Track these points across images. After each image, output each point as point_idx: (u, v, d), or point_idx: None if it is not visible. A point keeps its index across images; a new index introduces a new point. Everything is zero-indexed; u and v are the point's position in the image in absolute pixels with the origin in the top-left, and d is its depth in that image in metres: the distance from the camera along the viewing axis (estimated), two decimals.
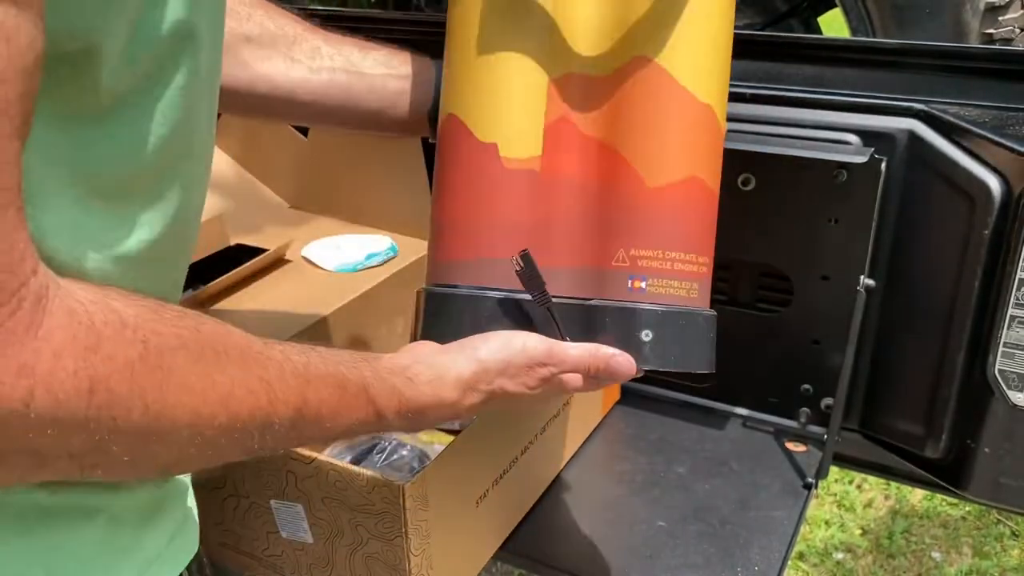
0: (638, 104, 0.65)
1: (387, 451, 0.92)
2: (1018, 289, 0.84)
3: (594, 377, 0.65)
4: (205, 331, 0.45)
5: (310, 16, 0.80)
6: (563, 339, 0.65)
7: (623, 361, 0.64)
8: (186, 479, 0.60)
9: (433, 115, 0.76)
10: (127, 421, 0.39)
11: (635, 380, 0.68)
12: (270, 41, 0.76)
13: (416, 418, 0.60)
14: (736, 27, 0.68)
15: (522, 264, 0.63)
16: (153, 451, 0.42)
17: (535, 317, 0.66)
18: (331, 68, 0.76)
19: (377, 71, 0.77)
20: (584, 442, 1.04)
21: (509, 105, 0.66)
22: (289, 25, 0.77)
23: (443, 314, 0.68)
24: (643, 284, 0.66)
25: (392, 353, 0.62)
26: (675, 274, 0.66)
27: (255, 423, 0.47)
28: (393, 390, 0.58)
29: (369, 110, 0.78)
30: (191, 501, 0.61)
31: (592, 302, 0.66)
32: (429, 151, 1.14)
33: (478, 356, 0.62)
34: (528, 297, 0.65)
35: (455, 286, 0.67)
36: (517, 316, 0.66)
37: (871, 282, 0.91)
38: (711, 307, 0.68)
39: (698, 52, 0.65)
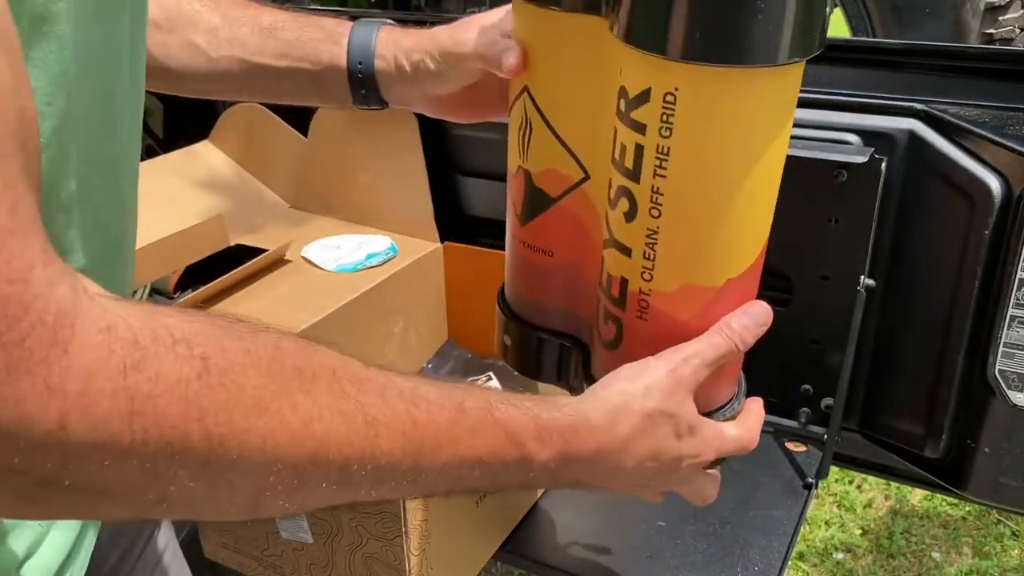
0: None
1: None
2: (1018, 289, 0.84)
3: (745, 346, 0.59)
4: (286, 348, 0.40)
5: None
6: None
7: (759, 310, 0.59)
8: (57, 557, 0.52)
9: (355, 93, 0.73)
10: (186, 446, 0.35)
11: None
12: (168, 24, 0.72)
13: (564, 448, 0.52)
14: None
15: None
16: (228, 481, 0.38)
17: None
18: (229, 57, 0.72)
19: (280, 63, 0.72)
20: None
21: None
22: (187, 2, 0.72)
23: None
24: None
25: None
26: None
27: (353, 451, 0.41)
28: (525, 412, 0.50)
29: (276, 95, 0.76)
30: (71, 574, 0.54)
31: None
32: (429, 151, 1.14)
33: (615, 384, 0.56)
34: None
35: None
36: None
37: (871, 282, 0.91)
38: None
39: None
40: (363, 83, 0.72)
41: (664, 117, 0.51)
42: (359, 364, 0.43)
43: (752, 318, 0.59)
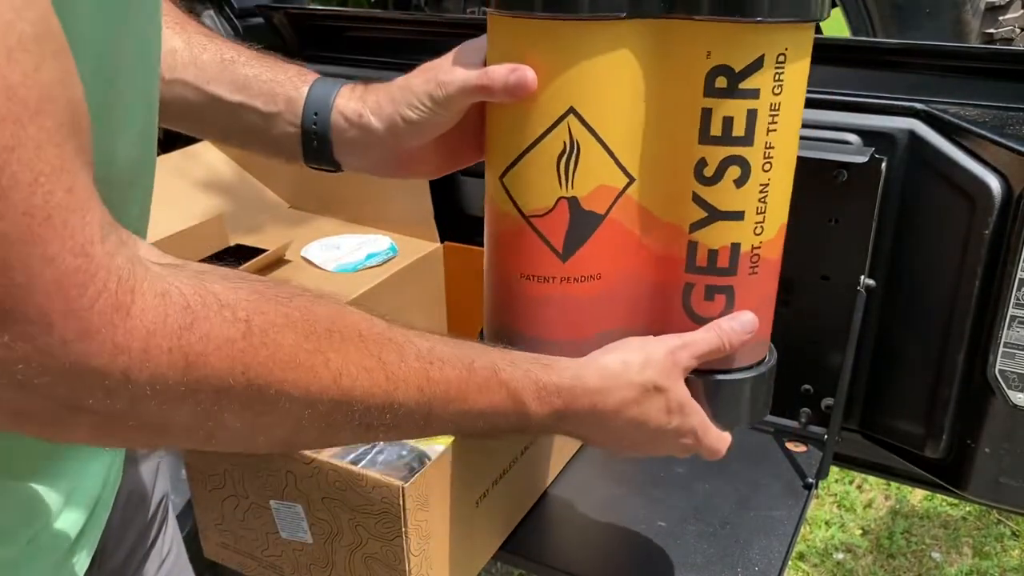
0: None
1: (387, 451, 0.92)
2: (1018, 289, 0.84)
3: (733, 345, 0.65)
4: (318, 311, 0.45)
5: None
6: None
7: (747, 318, 0.65)
8: (69, 533, 0.55)
9: (307, 151, 0.68)
10: (231, 395, 0.41)
11: None
12: None
13: (560, 406, 0.58)
14: None
15: None
16: (266, 424, 0.44)
17: None
18: (183, 82, 0.67)
19: (234, 97, 0.68)
20: None
21: None
22: None
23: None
24: None
25: None
26: None
27: (374, 400, 0.47)
28: (526, 373, 0.57)
29: (227, 134, 0.71)
30: (78, 559, 0.57)
31: None
32: None
33: (615, 353, 0.62)
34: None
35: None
36: None
37: (871, 282, 0.91)
38: None
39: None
40: (315, 136, 0.68)
41: (776, 77, 0.58)
42: (384, 324, 0.49)
43: (741, 324, 0.65)
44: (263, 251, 1.08)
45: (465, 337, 0.58)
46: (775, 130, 0.60)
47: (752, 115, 0.59)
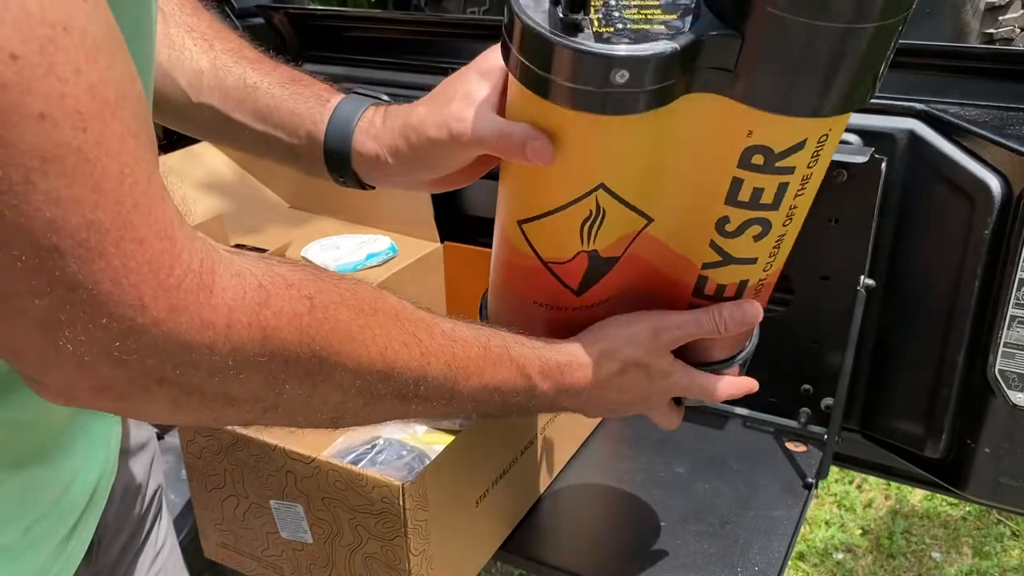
0: None
1: (387, 451, 0.93)
2: (1018, 289, 0.84)
3: (727, 331, 0.66)
4: (361, 293, 0.50)
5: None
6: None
7: (753, 310, 0.66)
8: (66, 522, 0.57)
9: (332, 165, 0.68)
10: (297, 365, 0.45)
11: None
12: (155, 56, 0.65)
13: (560, 380, 0.64)
14: None
15: None
16: (322, 392, 0.48)
17: None
18: (209, 106, 0.67)
19: (258, 126, 0.68)
20: (584, 442, 1.04)
21: None
22: (178, 34, 0.67)
23: None
24: None
25: None
26: None
27: (411, 374, 0.52)
28: (532, 351, 0.63)
29: (259, 155, 0.71)
30: (74, 547, 0.58)
31: None
32: None
33: (603, 331, 0.67)
34: None
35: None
36: None
37: (871, 282, 0.91)
38: None
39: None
40: (340, 169, 0.68)
41: (814, 155, 0.58)
42: (412, 306, 0.55)
43: (743, 313, 0.66)
44: (263, 251, 1.08)
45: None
46: (802, 195, 0.60)
47: (783, 187, 0.58)
